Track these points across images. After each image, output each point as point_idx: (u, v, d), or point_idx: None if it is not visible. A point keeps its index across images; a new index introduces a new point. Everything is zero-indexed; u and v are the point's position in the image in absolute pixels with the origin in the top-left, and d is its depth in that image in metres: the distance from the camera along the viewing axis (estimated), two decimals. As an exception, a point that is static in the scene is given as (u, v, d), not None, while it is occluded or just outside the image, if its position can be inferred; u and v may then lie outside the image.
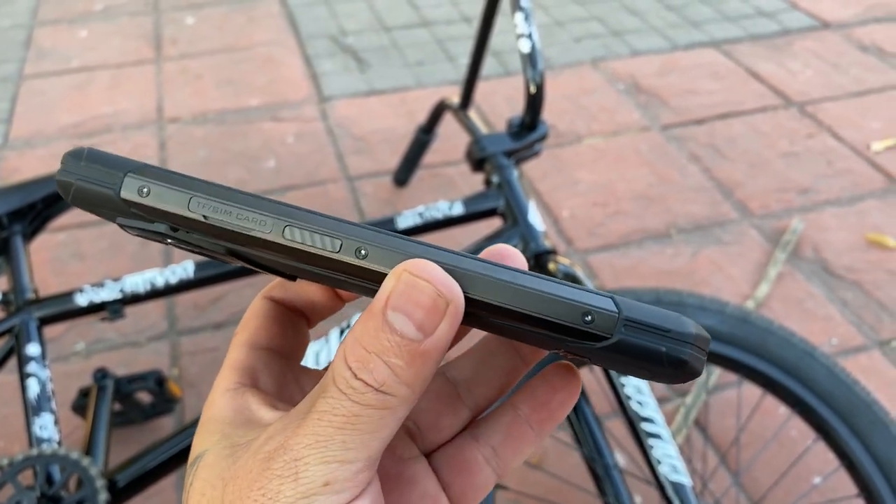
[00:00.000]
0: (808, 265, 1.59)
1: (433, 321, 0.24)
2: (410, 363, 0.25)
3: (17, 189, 1.10)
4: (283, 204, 0.26)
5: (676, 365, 0.25)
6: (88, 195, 0.26)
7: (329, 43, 2.46)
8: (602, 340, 0.25)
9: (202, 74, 2.29)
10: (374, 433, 0.25)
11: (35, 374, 0.99)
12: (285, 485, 0.25)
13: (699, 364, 0.25)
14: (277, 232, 0.25)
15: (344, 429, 0.25)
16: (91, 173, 0.26)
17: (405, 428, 0.33)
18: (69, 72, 2.32)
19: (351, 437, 0.25)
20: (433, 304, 0.24)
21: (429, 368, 0.25)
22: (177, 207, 0.25)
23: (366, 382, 0.25)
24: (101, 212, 0.27)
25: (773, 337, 1.04)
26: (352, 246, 0.25)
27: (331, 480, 0.25)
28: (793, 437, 1.25)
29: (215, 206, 0.25)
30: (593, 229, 1.69)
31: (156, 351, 1.42)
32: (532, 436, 0.32)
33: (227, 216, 0.25)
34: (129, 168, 0.26)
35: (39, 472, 0.91)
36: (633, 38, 2.44)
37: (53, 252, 1.64)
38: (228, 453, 0.28)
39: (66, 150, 1.96)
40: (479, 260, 0.26)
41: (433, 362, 0.25)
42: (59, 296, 1.03)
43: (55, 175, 0.27)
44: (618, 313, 0.25)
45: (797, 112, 2.06)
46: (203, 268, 1.06)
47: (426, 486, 0.32)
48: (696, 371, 0.26)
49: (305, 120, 2.07)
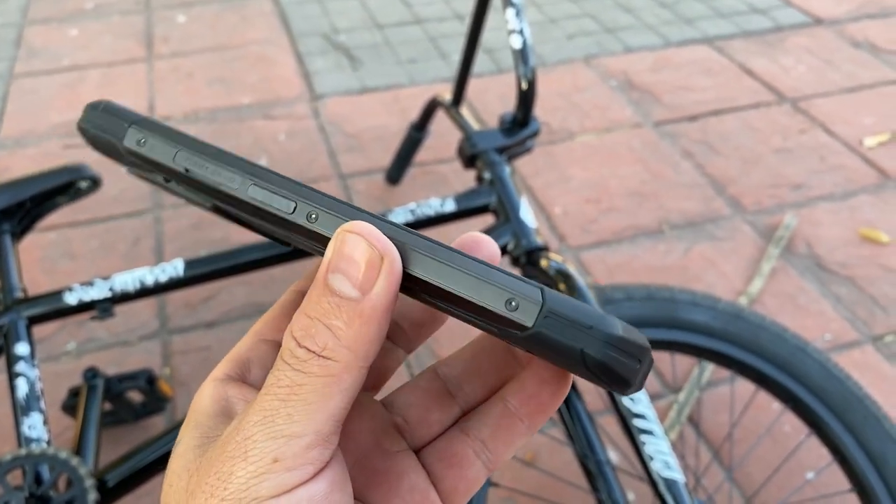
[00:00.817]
0: (801, 261, 1.59)
1: (370, 278, 0.24)
2: (350, 323, 0.25)
3: (6, 187, 1.09)
4: (256, 166, 0.27)
5: (599, 368, 0.23)
6: (100, 142, 0.28)
7: (321, 41, 2.45)
8: (524, 330, 0.24)
9: (194, 73, 2.28)
10: (319, 403, 0.25)
11: (24, 373, 0.99)
12: (237, 465, 0.25)
13: (629, 372, 0.24)
14: (244, 190, 0.27)
15: (288, 400, 0.25)
16: (103, 122, 0.28)
17: (393, 422, 0.33)
18: (60, 70, 2.31)
19: (295, 408, 0.25)
20: (368, 260, 0.24)
21: (371, 329, 0.25)
22: (165, 159, 0.27)
23: (308, 349, 0.25)
24: (113, 158, 0.29)
25: (766, 332, 1.04)
26: (305, 209, 0.26)
27: (279, 457, 0.24)
28: (786, 432, 1.25)
29: (196, 160, 0.27)
30: (586, 226, 1.68)
31: (147, 350, 1.41)
32: (522, 428, 0.32)
33: (204, 171, 0.27)
34: (133, 120, 0.28)
35: (28, 471, 0.90)
36: (626, 34, 2.44)
37: (44, 251, 1.63)
38: (198, 444, 0.27)
39: (57, 149, 1.95)
40: (422, 237, 0.26)
41: (375, 323, 0.25)
42: (49, 295, 1.03)
43: (78, 122, 0.29)
44: (541, 304, 0.24)
45: (790, 108, 2.06)
46: (193, 266, 1.05)
47: (414, 480, 0.31)
48: (624, 379, 0.24)
49: (297, 118, 2.06)
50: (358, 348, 0.25)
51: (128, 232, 1.68)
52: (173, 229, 1.69)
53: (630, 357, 0.24)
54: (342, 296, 0.25)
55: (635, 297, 1.05)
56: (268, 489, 0.24)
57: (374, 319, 0.25)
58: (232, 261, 1.06)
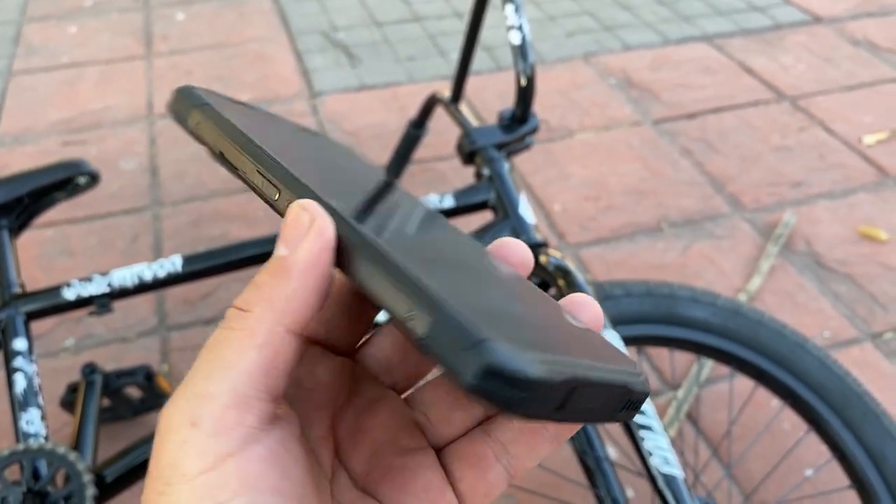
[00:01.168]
0: (800, 258, 1.59)
1: (296, 235, 0.25)
2: (272, 276, 0.25)
3: (3, 183, 1.09)
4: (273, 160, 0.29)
5: (474, 391, 0.21)
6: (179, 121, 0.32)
7: (320, 38, 2.45)
8: (417, 340, 0.22)
9: (192, 70, 2.28)
10: (234, 360, 0.24)
11: (22, 368, 0.98)
12: (162, 439, 0.24)
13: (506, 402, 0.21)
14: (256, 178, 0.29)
15: (208, 359, 0.25)
16: (179, 105, 0.32)
17: (414, 419, 0.32)
18: (59, 68, 2.30)
19: (213, 365, 0.24)
20: (297, 221, 0.25)
21: (290, 284, 0.25)
22: (212, 142, 0.31)
23: (236, 307, 0.25)
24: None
25: (765, 329, 1.04)
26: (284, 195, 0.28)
27: (195, 419, 0.23)
28: (785, 429, 1.25)
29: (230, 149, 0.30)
30: (585, 223, 1.68)
31: (145, 347, 1.41)
32: (547, 436, 0.30)
33: (235, 160, 0.30)
34: (197, 103, 0.31)
35: (26, 466, 0.90)
36: (625, 32, 2.44)
37: (41, 248, 1.62)
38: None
39: (55, 146, 1.95)
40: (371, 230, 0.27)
41: (295, 277, 0.25)
42: (46, 290, 1.02)
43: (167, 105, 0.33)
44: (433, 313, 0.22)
45: (789, 106, 2.06)
46: (192, 262, 1.05)
47: (430, 479, 0.30)
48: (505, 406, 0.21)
49: (296, 115, 2.06)
50: (275, 301, 0.25)
51: (126, 229, 1.68)
52: (172, 226, 1.68)
53: (510, 387, 0.21)
54: (274, 255, 0.26)
55: (634, 293, 1.05)
56: (193, 463, 0.23)
57: (294, 274, 0.25)
58: (230, 257, 1.06)
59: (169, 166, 1.88)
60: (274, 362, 0.25)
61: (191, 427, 0.23)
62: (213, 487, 0.23)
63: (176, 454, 0.23)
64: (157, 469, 0.24)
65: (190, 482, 0.23)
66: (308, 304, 0.25)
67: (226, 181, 1.82)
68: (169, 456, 0.23)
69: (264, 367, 0.24)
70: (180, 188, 1.80)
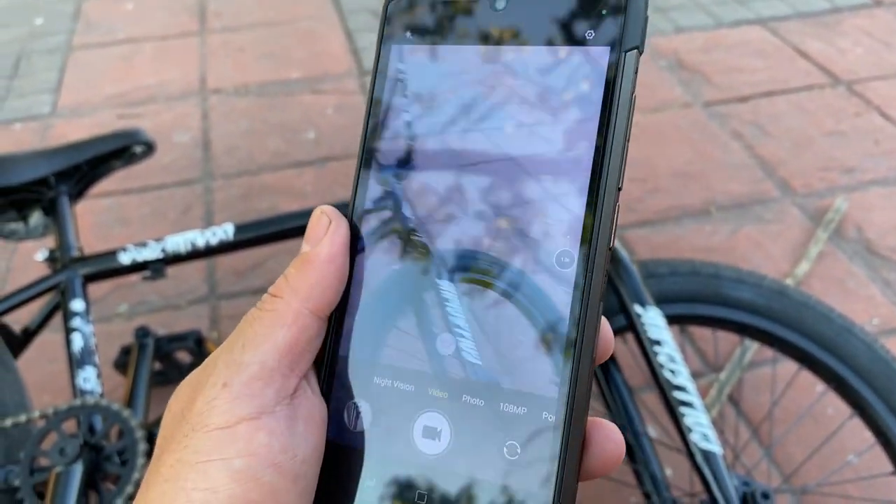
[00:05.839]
0: (850, 245, 1.56)
1: (317, 234, 0.31)
2: (298, 268, 0.30)
3: (64, 150, 1.13)
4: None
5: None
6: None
7: (371, 17, 2.46)
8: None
9: (244, 47, 2.31)
10: (265, 336, 0.29)
11: (79, 328, 1.02)
12: (199, 390, 0.28)
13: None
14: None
15: (244, 332, 0.29)
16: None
17: None
18: (115, 43, 2.36)
19: (247, 338, 0.29)
20: (318, 221, 0.31)
21: (312, 273, 0.30)
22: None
23: (269, 293, 0.31)
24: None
25: (811, 312, 1.03)
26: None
27: (228, 382, 0.28)
28: (828, 414, 1.24)
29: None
30: (631, 205, 1.67)
31: (196, 314, 1.44)
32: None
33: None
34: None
35: (83, 421, 0.94)
36: (678, 14, 2.40)
37: (98, 217, 1.67)
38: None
39: (111, 119, 2.00)
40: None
41: (316, 268, 0.30)
42: (104, 254, 1.06)
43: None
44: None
45: (845, 91, 2.02)
46: (243, 230, 1.08)
47: None
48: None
49: (345, 93, 2.08)
50: (299, 288, 0.30)
51: (178, 200, 1.72)
52: (222, 199, 1.72)
53: None
54: (300, 252, 0.31)
55: (680, 271, 1.05)
56: (215, 418, 0.27)
57: (315, 265, 0.30)
58: (280, 226, 1.08)
59: (220, 140, 1.91)
60: (298, 339, 0.29)
61: (222, 387, 0.28)
62: (224, 443, 0.27)
63: (205, 407, 0.28)
64: (188, 416, 0.28)
65: (209, 433, 0.27)
66: (328, 291, 0.30)
67: (275, 156, 1.85)
68: (199, 407, 0.28)
69: (290, 343, 0.29)
70: (231, 162, 1.84)
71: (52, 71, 2.23)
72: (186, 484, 0.26)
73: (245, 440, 0.27)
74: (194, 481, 0.26)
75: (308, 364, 0.30)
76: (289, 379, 0.29)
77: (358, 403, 0.30)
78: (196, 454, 0.27)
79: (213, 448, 0.26)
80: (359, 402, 0.30)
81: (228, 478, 0.26)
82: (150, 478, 0.27)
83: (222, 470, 0.26)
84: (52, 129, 1.97)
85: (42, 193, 1.12)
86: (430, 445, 0.29)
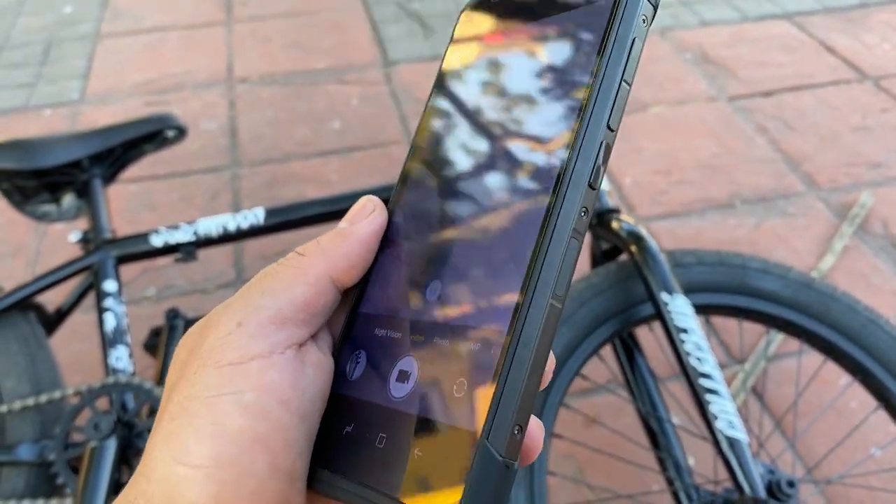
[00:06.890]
0: (875, 240, 1.55)
1: (359, 217, 0.33)
2: (332, 238, 0.32)
3: (98, 134, 1.15)
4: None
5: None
6: None
7: (395, 9, 2.47)
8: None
9: (271, 37, 2.33)
10: (285, 286, 0.30)
11: (111, 308, 1.04)
12: (211, 329, 0.29)
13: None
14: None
15: (264, 280, 0.30)
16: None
17: None
18: (143, 31, 2.38)
19: (267, 286, 0.30)
20: (363, 206, 0.33)
21: (344, 244, 0.31)
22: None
23: (296, 251, 0.32)
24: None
25: (837, 303, 1.03)
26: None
27: (243, 321, 0.28)
28: (852, 407, 1.24)
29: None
30: (655, 197, 1.68)
31: (224, 298, 1.45)
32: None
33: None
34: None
35: (115, 399, 0.96)
36: (703, 8, 2.40)
37: (127, 202, 1.70)
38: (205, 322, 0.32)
39: (138, 106, 2.02)
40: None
41: (349, 242, 0.32)
42: (136, 236, 1.08)
43: None
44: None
45: (872, 86, 2.01)
46: (274, 214, 1.09)
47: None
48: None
49: (370, 83, 2.09)
50: (329, 254, 0.31)
51: (206, 186, 1.74)
52: (249, 186, 1.74)
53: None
54: (338, 226, 0.33)
55: (706, 261, 1.05)
56: (228, 354, 0.28)
57: (349, 239, 0.32)
58: (309, 211, 1.10)
59: (247, 129, 1.93)
60: (315, 299, 0.30)
61: (236, 326, 0.28)
62: (235, 378, 0.27)
63: (217, 343, 0.28)
64: (198, 352, 0.28)
65: (219, 369, 0.27)
66: (353, 268, 0.32)
67: (300, 144, 1.87)
68: (211, 344, 0.28)
69: (307, 300, 0.30)
70: (257, 150, 1.86)
71: (80, 58, 2.26)
72: (195, 419, 0.27)
73: (256, 376, 0.27)
74: (203, 416, 0.27)
75: (317, 328, 0.31)
76: (301, 329, 0.30)
77: (357, 354, 0.32)
78: (206, 389, 0.27)
79: (224, 383, 0.27)
80: (358, 352, 0.32)
81: (238, 412, 0.26)
82: (158, 420, 0.28)
83: (233, 403, 0.27)
84: (82, 116, 2.00)
85: (75, 176, 1.14)
86: (400, 388, 0.29)
